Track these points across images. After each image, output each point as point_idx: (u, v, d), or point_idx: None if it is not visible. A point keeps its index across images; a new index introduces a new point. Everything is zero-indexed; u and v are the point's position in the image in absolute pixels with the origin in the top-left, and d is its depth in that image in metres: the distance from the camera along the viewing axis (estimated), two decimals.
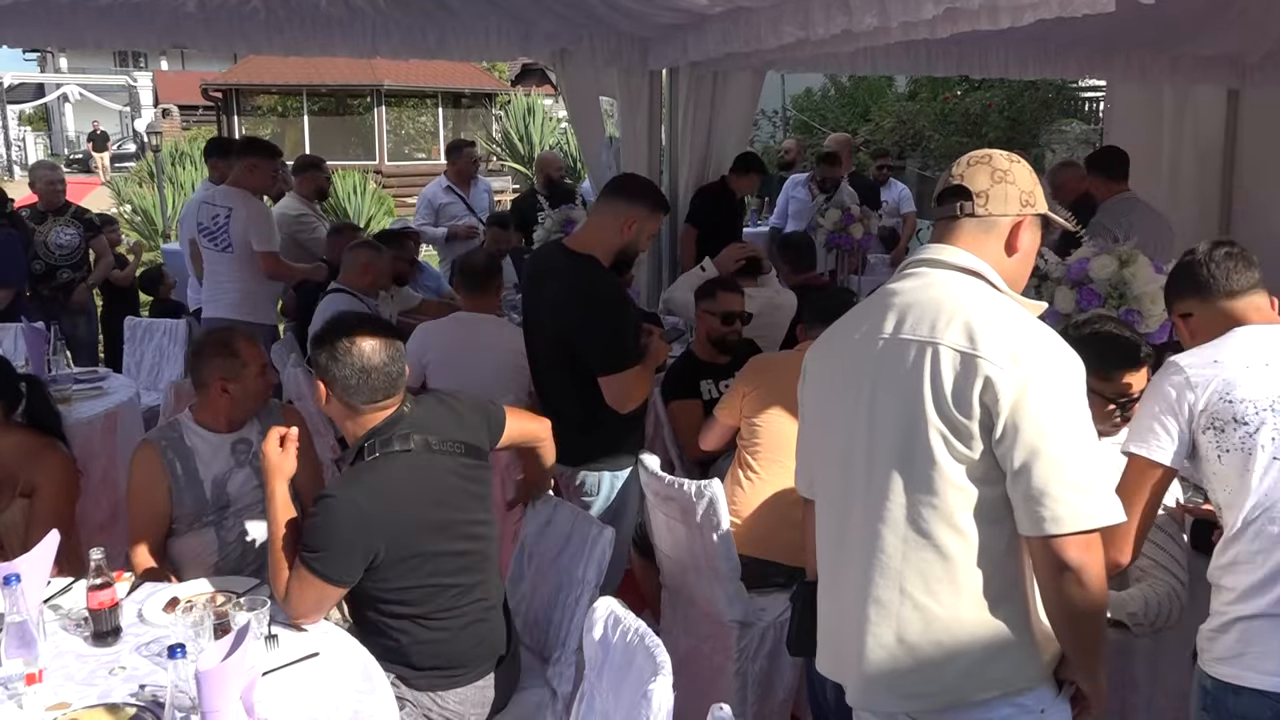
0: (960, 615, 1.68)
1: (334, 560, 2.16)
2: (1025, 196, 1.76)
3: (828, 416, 1.90)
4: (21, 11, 4.52)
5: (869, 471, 1.74)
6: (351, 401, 2.28)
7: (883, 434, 1.72)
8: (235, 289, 5.08)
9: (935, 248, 1.79)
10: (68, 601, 2.32)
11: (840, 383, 1.84)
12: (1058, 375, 1.62)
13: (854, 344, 1.82)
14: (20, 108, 30.90)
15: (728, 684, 2.96)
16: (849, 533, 1.79)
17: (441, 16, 5.27)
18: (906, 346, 1.70)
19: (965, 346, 1.63)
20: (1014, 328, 1.65)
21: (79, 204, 6.64)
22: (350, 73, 18.48)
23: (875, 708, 1.80)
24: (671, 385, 3.94)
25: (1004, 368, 1.59)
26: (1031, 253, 1.82)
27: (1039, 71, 6.89)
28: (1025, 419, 1.58)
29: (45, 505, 2.71)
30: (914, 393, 1.67)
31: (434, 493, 2.30)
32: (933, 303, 1.71)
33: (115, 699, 1.92)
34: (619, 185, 3.20)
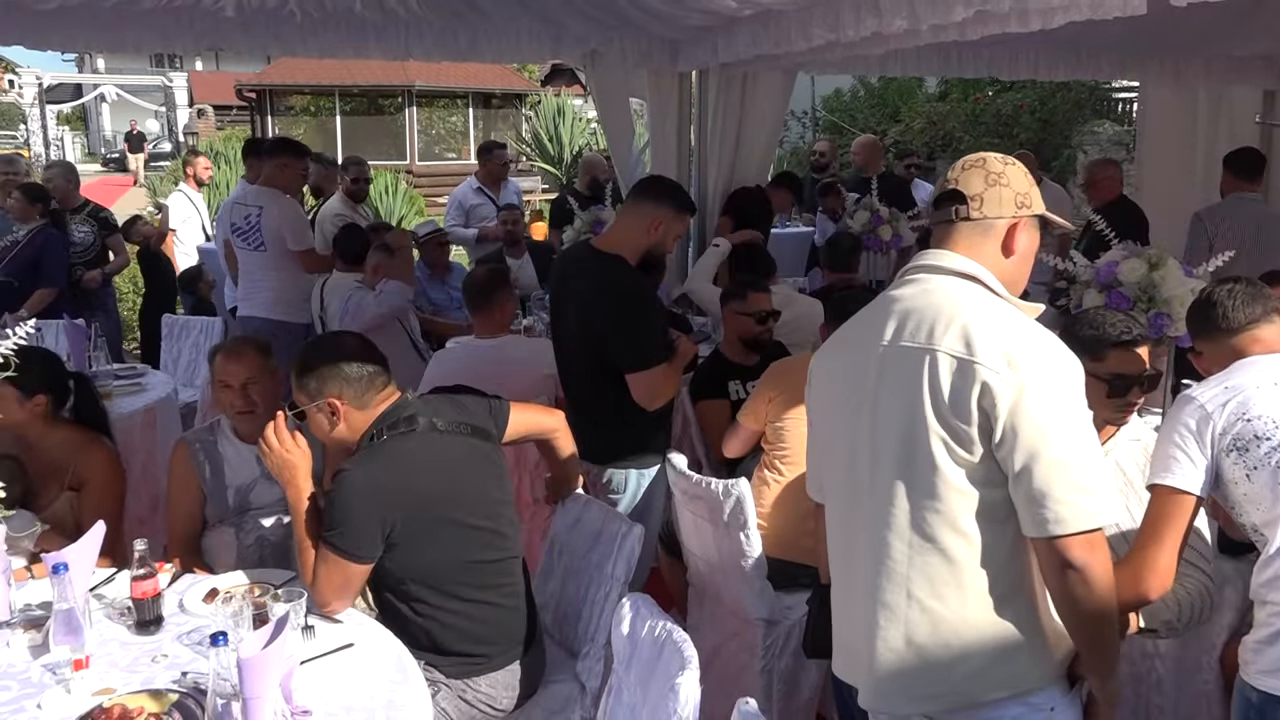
0: (967, 617, 1.70)
1: (353, 535, 2.21)
2: (1020, 198, 1.78)
3: (832, 423, 1.92)
4: (66, 16, 4.62)
5: (873, 477, 1.77)
6: (365, 398, 2.35)
7: (885, 440, 1.74)
8: (269, 288, 5.14)
9: (933, 253, 1.82)
10: (111, 591, 2.39)
11: (843, 389, 1.87)
12: (1054, 378, 1.63)
13: (855, 351, 1.85)
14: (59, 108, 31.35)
15: (753, 681, 2.99)
16: (856, 538, 1.82)
17: (473, 19, 5.33)
18: (906, 353, 1.72)
19: (962, 352, 1.65)
20: (1010, 332, 1.66)
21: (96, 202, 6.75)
22: (382, 73, 18.65)
23: (887, 710, 1.82)
24: (699, 385, 3.97)
25: (1000, 372, 1.61)
26: (1029, 253, 1.84)
27: (1070, 73, 6.84)
28: (1024, 422, 1.60)
29: (93, 498, 2.79)
30: (914, 399, 1.69)
31: (445, 466, 2.36)
32: (930, 309, 1.73)
33: (158, 685, 1.98)
34: (646, 187, 3.24)
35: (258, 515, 2.81)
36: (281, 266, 5.11)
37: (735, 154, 6.12)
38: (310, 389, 2.35)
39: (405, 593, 2.34)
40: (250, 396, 2.79)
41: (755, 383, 3.78)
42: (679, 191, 3.22)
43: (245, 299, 5.24)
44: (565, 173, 14.18)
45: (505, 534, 2.46)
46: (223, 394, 2.83)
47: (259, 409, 2.79)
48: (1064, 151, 11.79)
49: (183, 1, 4.71)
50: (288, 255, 5.08)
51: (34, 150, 25.74)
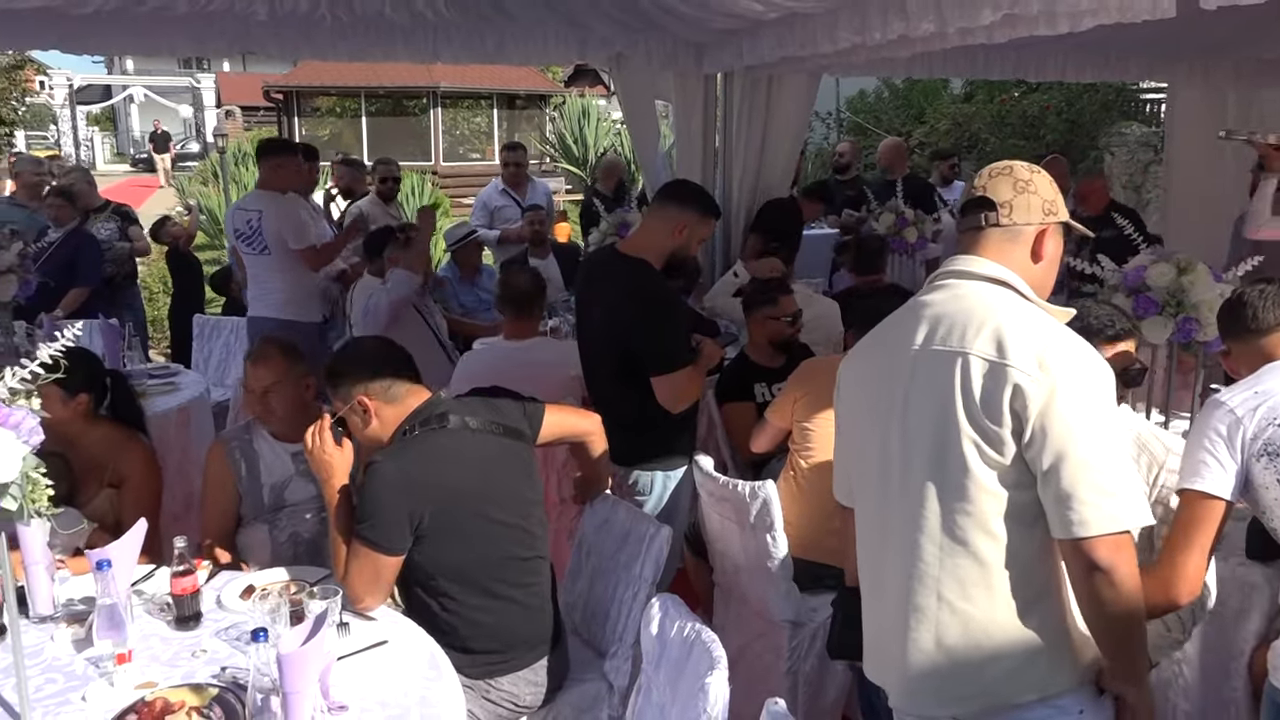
0: (997, 619, 1.72)
1: (382, 526, 2.26)
2: (1047, 205, 1.82)
3: (862, 427, 1.94)
4: (102, 21, 4.70)
5: (904, 481, 1.79)
6: (392, 392, 2.42)
7: (916, 444, 1.77)
8: (278, 289, 5.13)
9: (963, 259, 1.84)
10: (151, 587, 2.44)
11: (874, 393, 1.89)
12: (1084, 381, 1.65)
13: (886, 355, 1.88)
14: (89, 109, 31.73)
15: (779, 683, 3.01)
16: (887, 541, 1.84)
17: (500, 22, 5.36)
18: (938, 357, 1.75)
19: (994, 355, 1.67)
20: (1042, 335, 1.69)
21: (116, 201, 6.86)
22: (407, 74, 18.76)
23: (917, 711, 1.84)
24: (725, 387, 3.99)
25: (1032, 375, 1.63)
26: (1055, 259, 1.86)
27: (1098, 75, 6.81)
28: (1053, 424, 1.62)
29: (132, 495, 2.85)
30: (946, 402, 1.71)
31: (476, 463, 2.40)
32: (962, 314, 1.76)
33: (198, 680, 2.02)
34: (671, 190, 3.27)
35: (292, 512, 2.86)
36: (286, 267, 5.11)
37: (760, 156, 6.12)
38: (341, 393, 2.44)
39: (434, 588, 2.38)
40: (269, 403, 2.85)
41: (780, 385, 3.81)
42: (704, 195, 3.25)
43: (256, 301, 5.24)
44: (589, 174, 14.22)
45: (534, 533, 2.50)
46: (247, 397, 2.93)
47: (277, 414, 2.86)
48: (1091, 153, 11.70)
49: (216, 6, 4.78)
50: (292, 255, 5.07)
51: (64, 150, 26.07)
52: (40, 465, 1.71)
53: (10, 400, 1.69)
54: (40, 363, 1.72)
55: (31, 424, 1.69)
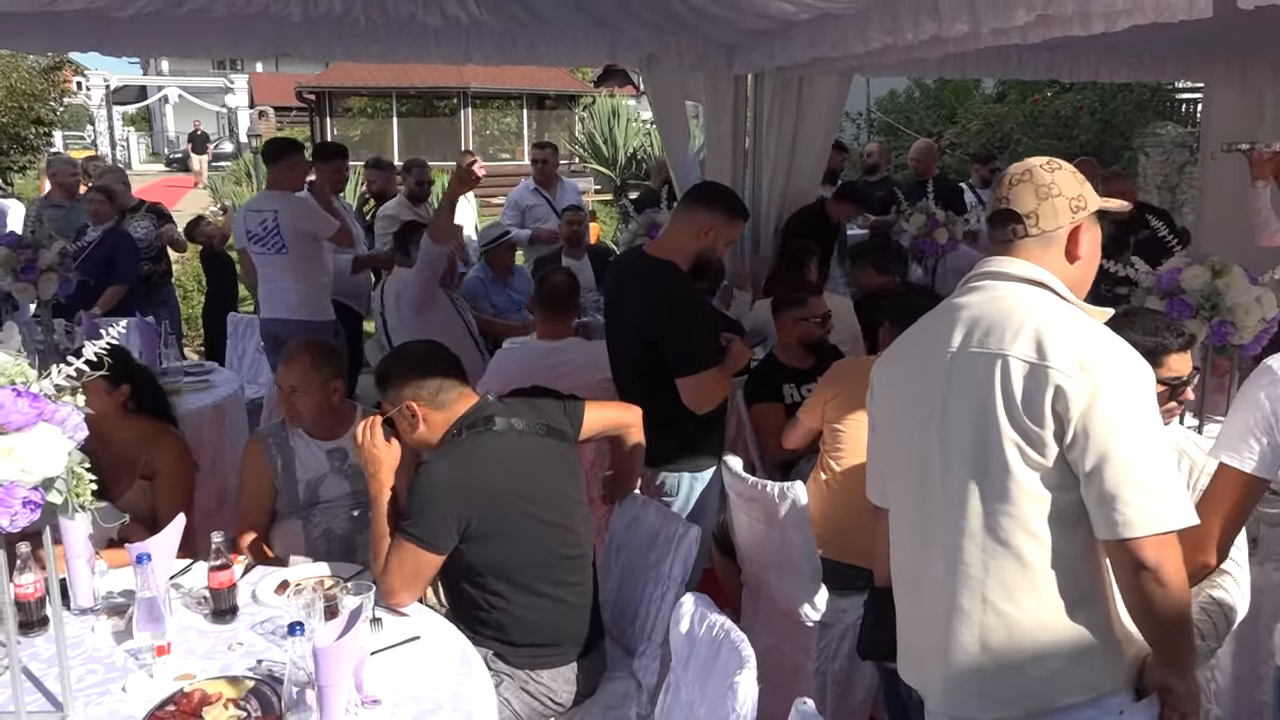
0: (1042, 621, 1.72)
1: (429, 525, 2.29)
2: (1074, 203, 1.80)
3: (899, 429, 1.94)
4: (142, 23, 4.78)
5: (945, 483, 1.79)
6: (441, 398, 2.45)
7: (956, 446, 1.77)
8: (292, 290, 5.13)
9: (998, 260, 1.83)
10: (188, 581, 2.48)
11: (910, 395, 1.89)
12: (1126, 381, 1.65)
13: (921, 358, 1.87)
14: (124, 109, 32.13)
15: (806, 684, 3.01)
16: (928, 543, 1.84)
17: (532, 23, 5.40)
18: (976, 359, 1.74)
19: (1034, 357, 1.67)
20: (1082, 336, 1.68)
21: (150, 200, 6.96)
22: (438, 75, 18.86)
23: (959, 714, 1.84)
24: (754, 388, 4.00)
25: (1073, 376, 1.63)
26: (1094, 251, 1.85)
27: (1132, 75, 6.74)
28: (1095, 425, 1.62)
29: (165, 488, 2.89)
30: (986, 404, 1.71)
31: (523, 465, 2.44)
32: (1001, 315, 1.75)
33: (235, 672, 2.06)
34: (699, 193, 3.29)
35: (326, 509, 2.91)
36: (301, 267, 5.12)
37: (791, 157, 6.12)
38: (390, 396, 2.48)
39: (482, 585, 2.41)
40: (294, 404, 2.90)
41: (810, 385, 3.81)
42: (731, 197, 3.25)
43: (269, 302, 5.21)
44: (619, 174, 14.22)
45: (579, 531, 2.53)
46: (277, 395, 3.00)
47: (302, 415, 2.91)
48: (1125, 154, 11.58)
49: (252, 8, 4.84)
50: (308, 256, 5.09)
51: (101, 150, 26.43)
52: (85, 460, 1.75)
53: (56, 397, 1.72)
54: (86, 360, 1.76)
55: (76, 420, 1.73)
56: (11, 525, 1.61)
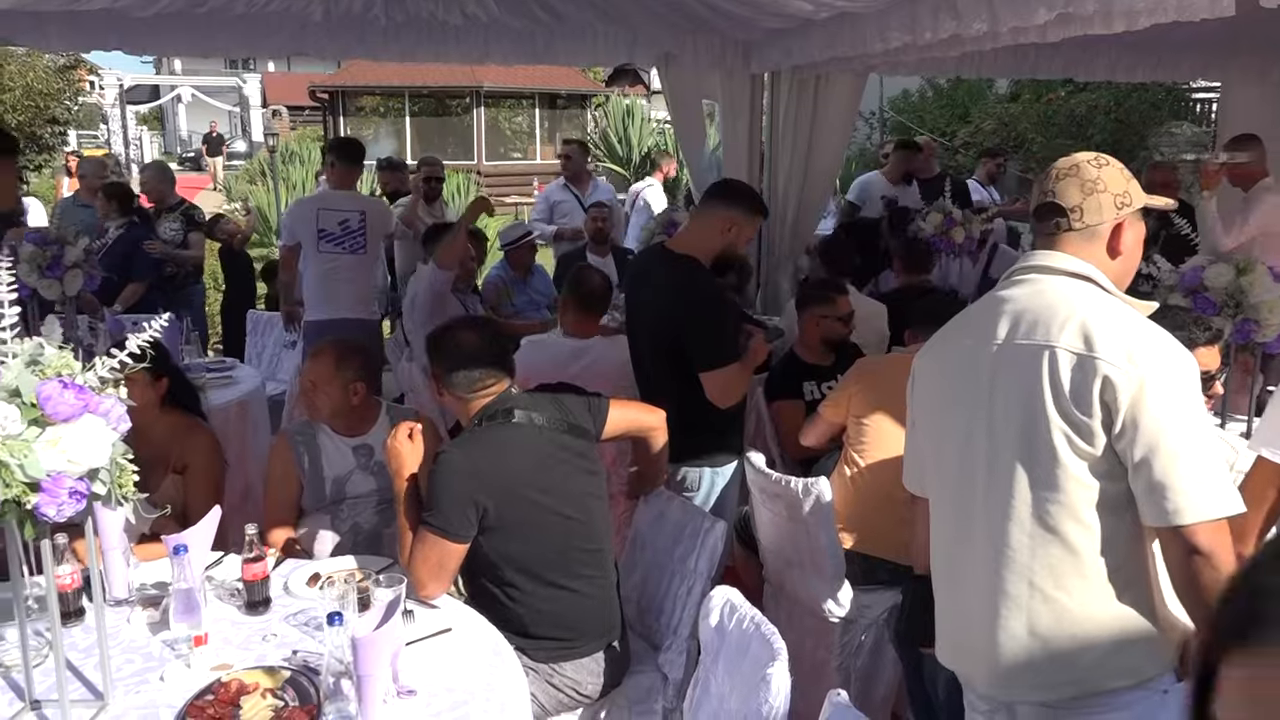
0: (1090, 606, 1.75)
1: (448, 513, 2.31)
2: (1119, 199, 1.82)
3: (942, 420, 1.96)
4: (163, 22, 4.82)
5: (990, 472, 1.82)
6: (456, 391, 2.50)
7: (1004, 436, 1.79)
8: (354, 290, 5.20)
9: (1042, 254, 1.86)
10: (220, 573, 2.51)
11: (954, 386, 1.92)
12: (1172, 372, 1.67)
13: (966, 350, 1.90)
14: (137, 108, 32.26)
15: (829, 679, 3.02)
16: (973, 530, 1.86)
17: (550, 22, 5.42)
18: (1023, 351, 1.77)
19: (1082, 349, 1.70)
20: (1128, 328, 1.71)
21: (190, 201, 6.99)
22: (451, 75, 18.91)
23: (1007, 697, 1.88)
24: (775, 385, 4.01)
25: (1121, 367, 1.66)
26: (1136, 248, 1.87)
27: (1149, 75, 6.73)
28: (1144, 415, 1.65)
29: (198, 481, 2.92)
30: (1034, 395, 1.74)
31: (541, 459, 2.46)
32: (1046, 308, 1.77)
33: (270, 663, 2.08)
34: (719, 189, 3.31)
35: (352, 504, 2.93)
36: (370, 267, 5.30)
37: (807, 155, 6.13)
38: (431, 359, 2.59)
39: (499, 577, 2.43)
40: (315, 399, 2.92)
41: (830, 383, 3.83)
42: (752, 194, 3.28)
43: (326, 301, 5.18)
44: (633, 173, 14.23)
45: (597, 526, 2.54)
46: (302, 388, 3.00)
47: (321, 412, 2.93)
48: (1140, 153, 11.55)
49: (273, 7, 4.88)
50: (377, 257, 5.26)
51: (114, 150, 26.54)
52: (128, 451, 1.78)
53: (100, 389, 1.75)
54: (129, 353, 1.78)
55: (120, 411, 1.75)
56: (59, 515, 1.64)
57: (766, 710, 1.84)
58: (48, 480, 1.62)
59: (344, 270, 5.20)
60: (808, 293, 4.07)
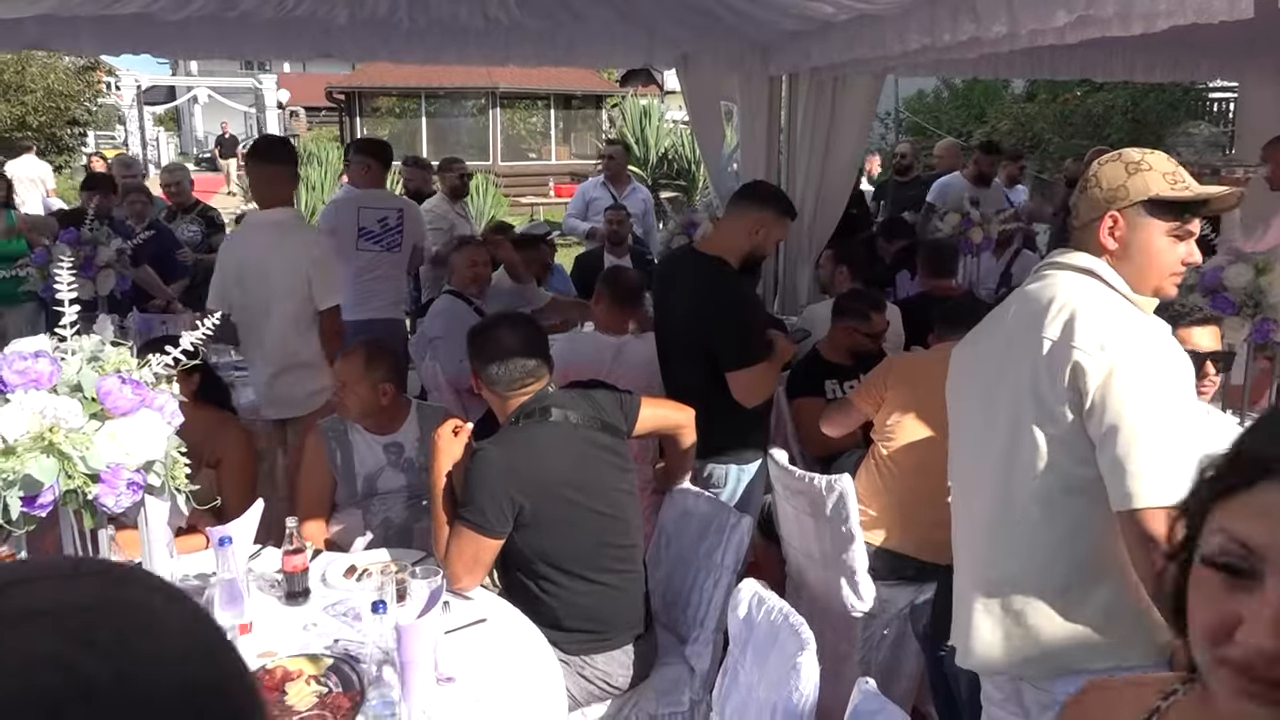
0: (1069, 590, 1.82)
1: (484, 509, 2.37)
2: (1108, 194, 1.84)
3: (963, 411, 2.08)
4: (193, 26, 4.90)
5: (989, 461, 1.92)
6: (495, 388, 2.56)
7: (999, 423, 1.90)
8: (391, 289, 5.26)
9: (1058, 251, 1.95)
10: (259, 565, 2.57)
11: (975, 379, 2.04)
12: (1146, 361, 1.72)
13: (985, 343, 2.03)
14: (155, 109, 32.47)
15: (851, 673, 3.06)
16: (973, 515, 1.98)
17: (571, 24, 5.48)
18: (1022, 341, 1.86)
19: (1059, 337, 1.78)
20: (1109, 319, 1.76)
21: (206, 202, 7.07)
22: (466, 75, 18.98)
23: (986, 670, 1.97)
24: (797, 383, 4.06)
25: (1092, 354, 1.72)
26: (1141, 248, 1.82)
27: (1167, 75, 6.74)
28: (1110, 398, 1.70)
29: (233, 474, 2.99)
30: (1021, 384, 1.83)
31: (575, 457, 2.52)
32: (1045, 301, 1.86)
33: (313, 651, 2.15)
34: (749, 191, 3.36)
35: (383, 499, 3.00)
36: (403, 267, 5.40)
37: (824, 157, 6.17)
38: (472, 356, 2.63)
39: (534, 571, 2.49)
40: (344, 398, 2.99)
41: (852, 382, 3.86)
42: (781, 197, 3.33)
43: (363, 301, 5.13)
44: (650, 174, 14.27)
45: (630, 522, 2.60)
46: (335, 387, 3.06)
47: (351, 411, 2.99)
48: None
49: (300, 11, 4.95)
50: (407, 256, 5.33)
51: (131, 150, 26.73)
52: (181, 445, 1.84)
53: (154, 384, 1.81)
54: (182, 350, 1.85)
55: (173, 406, 1.82)
56: (117, 505, 1.70)
57: (797, 698, 1.89)
58: (107, 472, 1.68)
59: (382, 269, 5.23)
60: (847, 304, 4.08)
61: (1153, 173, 1.82)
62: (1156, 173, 1.82)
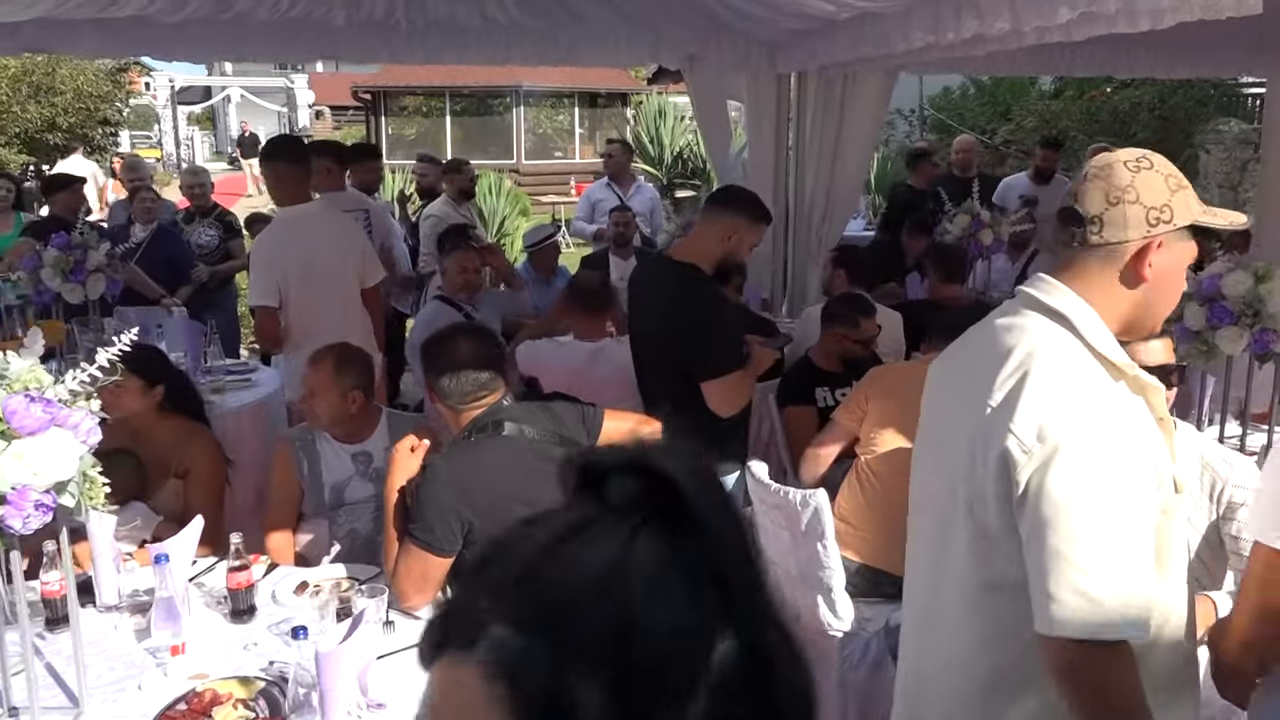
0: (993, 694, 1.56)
1: (432, 527, 2.29)
2: (1153, 213, 1.46)
3: (925, 436, 1.82)
4: (189, 29, 4.91)
5: (931, 514, 1.68)
6: (447, 401, 2.48)
7: (938, 485, 1.63)
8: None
9: (1042, 283, 1.57)
10: (212, 580, 2.53)
11: (939, 409, 1.76)
12: (1086, 457, 1.40)
13: (956, 374, 1.70)
14: (190, 109, 32.87)
15: (829, 693, 2.97)
16: (912, 579, 1.77)
17: (573, 24, 5.42)
18: (973, 397, 1.54)
19: (1000, 409, 1.47)
20: (1058, 398, 1.44)
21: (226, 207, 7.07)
22: (490, 74, 18.97)
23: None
24: (787, 391, 3.96)
25: (1026, 442, 1.42)
26: (1171, 277, 1.53)
27: (1190, 71, 6.58)
28: (1041, 499, 1.41)
29: (199, 486, 2.95)
30: (960, 451, 1.54)
31: (529, 473, 2.39)
32: (1004, 353, 1.53)
33: (247, 672, 2.09)
34: (722, 196, 3.29)
35: (351, 510, 2.95)
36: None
37: (834, 156, 6.06)
38: (424, 368, 2.56)
39: None
40: (313, 405, 2.93)
41: (844, 389, 3.76)
42: (755, 201, 3.23)
43: None
44: (665, 173, 14.16)
45: None
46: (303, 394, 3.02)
47: (320, 419, 2.94)
48: (1185, 150, 11.27)
49: (296, 13, 4.93)
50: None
51: (165, 150, 27.04)
52: (97, 464, 1.79)
53: (70, 402, 1.76)
54: (99, 366, 1.80)
55: (90, 425, 1.77)
56: (24, 527, 1.65)
57: None
58: (12, 494, 1.63)
59: None
60: (834, 310, 3.98)
61: (1189, 192, 1.53)
62: (1190, 192, 1.53)
